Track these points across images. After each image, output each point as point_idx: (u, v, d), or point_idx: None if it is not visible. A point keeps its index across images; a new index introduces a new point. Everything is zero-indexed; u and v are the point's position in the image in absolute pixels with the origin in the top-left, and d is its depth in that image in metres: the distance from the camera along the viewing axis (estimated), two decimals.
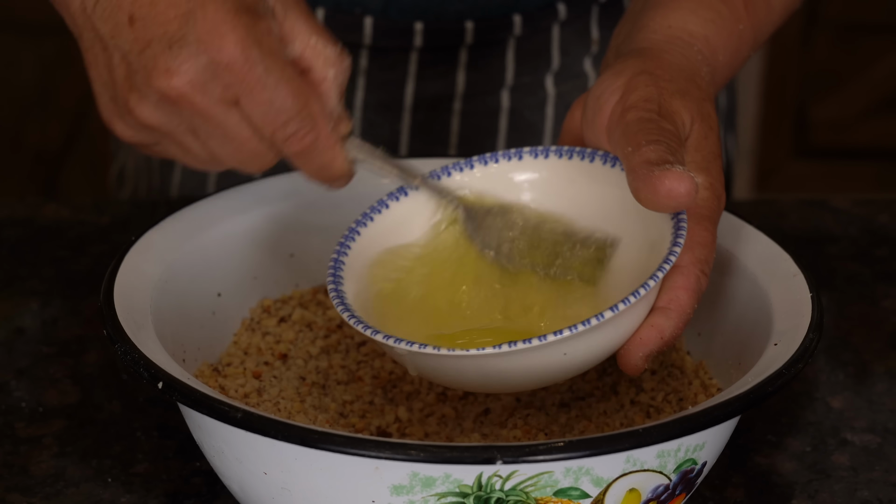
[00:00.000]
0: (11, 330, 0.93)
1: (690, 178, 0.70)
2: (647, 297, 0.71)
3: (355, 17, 1.04)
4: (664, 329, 0.72)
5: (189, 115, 0.71)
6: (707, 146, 0.76)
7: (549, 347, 0.69)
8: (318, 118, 0.72)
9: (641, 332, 0.72)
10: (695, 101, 0.76)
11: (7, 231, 1.04)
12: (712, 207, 0.75)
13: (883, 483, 0.80)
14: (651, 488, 0.69)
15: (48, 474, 0.80)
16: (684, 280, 0.72)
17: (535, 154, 0.79)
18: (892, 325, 0.94)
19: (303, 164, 0.73)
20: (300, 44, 0.72)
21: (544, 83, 1.09)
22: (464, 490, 0.66)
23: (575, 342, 0.69)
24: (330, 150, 0.73)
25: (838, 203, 1.09)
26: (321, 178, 0.74)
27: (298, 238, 0.86)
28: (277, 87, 0.70)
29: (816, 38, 2.53)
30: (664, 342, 0.72)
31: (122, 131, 0.73)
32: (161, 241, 0.80)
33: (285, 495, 0.69)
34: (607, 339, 0.71)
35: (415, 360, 0.71)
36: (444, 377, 0.72)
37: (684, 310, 0.72)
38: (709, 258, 0.73)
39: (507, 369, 0.70)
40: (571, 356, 0.70)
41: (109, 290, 0.74)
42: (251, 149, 0.72)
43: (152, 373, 0.68)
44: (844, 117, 2.56)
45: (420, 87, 1.07)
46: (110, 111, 0.73)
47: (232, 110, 0.71)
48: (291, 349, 0.82)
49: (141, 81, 0.70)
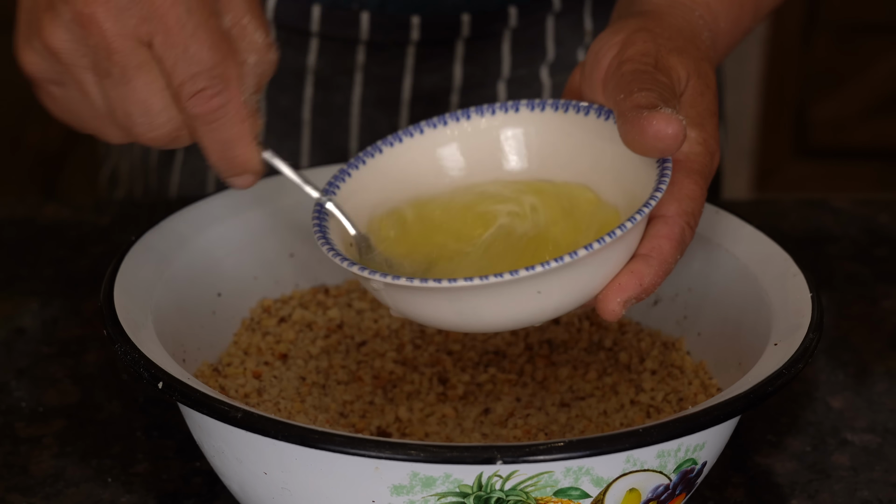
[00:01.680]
0: (11, 330, 0.93)
1: (679, 120, 0.69)
2: (625, 240, 0.70)
3: (352, 12, 1.04)
4: (643, 275, 0.71)
5: (95, 43, 0.67)
6: (703, 103, 0.75)
7: (523, 283, 0.68)
8: (232, 81, 0.68)
9: (620, 277, 0.71)
10: (692, 59, 0.76)
11: (7, 231, 1.04)
12: (704, 163, 0.74)
13: (883, 483, 0.80)
14: (651, 488, 0.69)
15: (48, 474, 0.80)
16: (668, 230, 0.71)
17: (532, 106, 0.78)
18: (892, 325, 0.94)
19: (206, 133, 0.69)
20: (232, 18, 0.69)
21: (539, 75, 1.09)
22: (464, 490, 0.66)
23: (549, 280, 0.68)
24: (238, 125, 0.69)
25: (838, 203, 1.09)
26: (226, 160, 0.70)
27: (298, 238, 0.86)
28: (196, 33, 0.67)
29: (816, 38, 2.53)
30: (643, 289, 0.71)
31: (27, 57, 0.69)
32: (161, 241, 0.80)
33: (285, 495, 0.69)
34: (583, 281, 0.70)
35: (391, 295, 0.70)
36: (419, 312, 0.71)
37: (666, 259, 0.71)
38: (696, 211, 0.73)
39: (481, 304, 0.69)
40: (546, 295, 0.69)
41: (109, 290, 0.74)
42: (151, 101, 0.68)
43: (152, 373, 0.68)
44: (844, 117, 2.56)
45: (417, 81, 1.07)
46: (23, 36, 0.69)
47: (141, 48, 0.67)
48: (291, 349, 0.83)
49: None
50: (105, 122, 0.70)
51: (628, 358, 0.82)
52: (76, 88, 0.69)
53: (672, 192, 0.72)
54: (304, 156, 1.09)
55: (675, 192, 0.72)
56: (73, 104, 0.70)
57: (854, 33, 2.52)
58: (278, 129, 1.09)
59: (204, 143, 0.70)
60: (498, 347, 0.83)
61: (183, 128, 0.69)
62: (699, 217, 0.73)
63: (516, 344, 0.84)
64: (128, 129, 0.69)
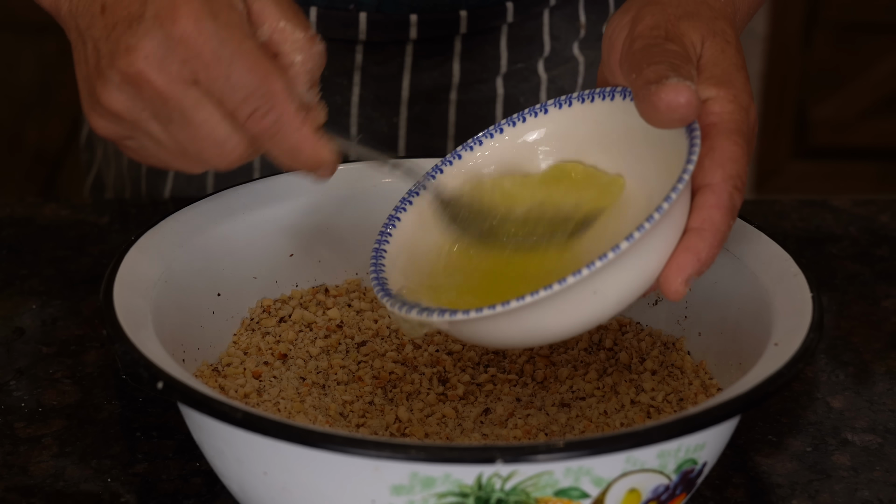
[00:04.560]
0: (11, 330, 0.93)
1: (687, 87, 0.69)
2: (671, 218, 0.69)
3: (350, 13, 1.04)
4: (700, 250, 0.70)
5: (150, 96, 0.70)
6: (725, 59, 0.74)
7: (579, 287, 0.67)
8: (279, 95, 0.70)
9: (677, 256, 0.70)
10: (704, 20, 0.75)
11: (7, 231, 1.04)
12: (739, 120, 0.72)
13: (883, 483, 0.80)
14: (651, 488, 0.69)
15: (48, 474, 0.80)
16: (716, 198, 0.70)
17: (559, 104, 0.78)
18: (892, 325, 0.94)
19: (271, 147, 0.71)
20: (269, 27, 0.72)
21: (537, 69, 1.09)
22: (464, 490, 0.65)
23: (603, 277, 0.67)
24: (297, 131, 0.71)
25: (838, 203, 1.09)
26: (297, 163, 0.72)
27: (298, 238, 0.86)
28: (233, 61, 0.69)
29: (816, 38, 2.53)
30: (702, 263, 0.70)
31: (96, 123, 0.73)
32: (161, 241, 0.80)
33: (285, 495, 0.69)
34: (636, 271, 0.69)
35: (456, 328, 0.70)
36: (484, 338, 0.71)
37: (718, 228, 0.70)
38: (741, 173, 0.71)
39: (541, 318, 0.68)
40: (602, 294, 0.68)
41: (109, 290, 0.74)
42: (216, 134, 0.71)
43: (152, 373, 0.68)
44: (844, 117, 2.56)
45: (416, 79, 1.07)
46: (87, 105, 0.73)
47: (191, 89, 0.70)
48: (291, 349, 0.82)
49: (105, 65, 0.70)
50: (183, 160, 0.73)
51: (628, 358, 0.82)
52: (147, 139, 0.72)
53: (713, 158, 0.71)
54: None
55: (717, 158, 0.71)
56: (151, 152, 0.73)
57: (854, 33, 2.52)
58: None
59: (273, 154, 0.72)
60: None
61: (251, 146, 0.72)
62: (745, 178, 0.71)
63: None
64: (205, 161, 0.72)
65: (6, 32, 2.49)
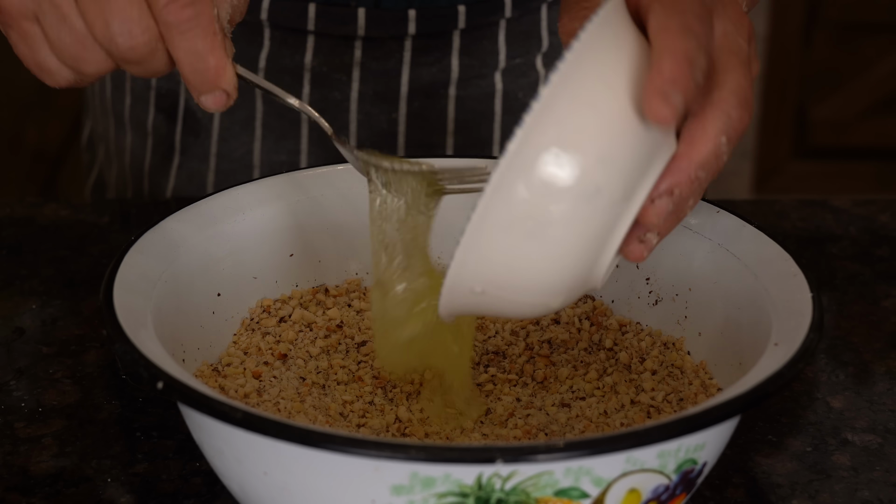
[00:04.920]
0: (11, 330, 0.93)
1: None
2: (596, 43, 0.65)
3: (349, 9, 1.04)
4: (662, 68, 0.65)
5: None
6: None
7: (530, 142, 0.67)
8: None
9: (645, 83, 0.65)
10: None
11: (7, 231, 1.04)
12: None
13: (883, 483, 0.80)
14: (651, 488, 0.69)
15: (48, 474, 0.80)
16: (665, 22, 0.66)
17: None
18: (892, 325, 0.94)
19: (180, 42, 0.70)
20: None
21: (535, 64, 1.09)
22: (464, 490, 0.65)
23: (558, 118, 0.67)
24: (210, 36, 0.70)
25: (838, 203, 1.09)
26: (198, 73, 0.71)
27: (298, 238, 0.86)
28: None
29: (816, 38, 2.53)
30: (665, 80, 0.65)
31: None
32: (161, 240, 0.80)
33: (285, 495, 0.69)
34: (594, 107, 0.66)
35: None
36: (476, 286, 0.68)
37: (673, 46, 0.66)
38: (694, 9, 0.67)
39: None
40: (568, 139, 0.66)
41: (109, 290, 0.74)
42: (128, 11, 0.69)
43: (152, 373, 0.68)
44: (844, 117, 2.56)
45: (415, 74, 1.07)
46: None
47: None
48: (291, 349, 0.82)
49: None
50: (84, 44, 0.71)
51: (628, 358, 0.82)
52: (54, 14, 0.71)
53: None
54: (304, 154, 1.09)
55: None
56: (52, 33, 0.71)
57: (854, 33, 2.52)
58: (277, 128, 1.09)
59: (178, 54, 0.71)
60: (498, 347, 0.83)
61: (159, 39, 0.70)
62: (700, 14, 0.67)
63: (516, 344, 0.84)
64: (107, 40, 0.70)
65: None
